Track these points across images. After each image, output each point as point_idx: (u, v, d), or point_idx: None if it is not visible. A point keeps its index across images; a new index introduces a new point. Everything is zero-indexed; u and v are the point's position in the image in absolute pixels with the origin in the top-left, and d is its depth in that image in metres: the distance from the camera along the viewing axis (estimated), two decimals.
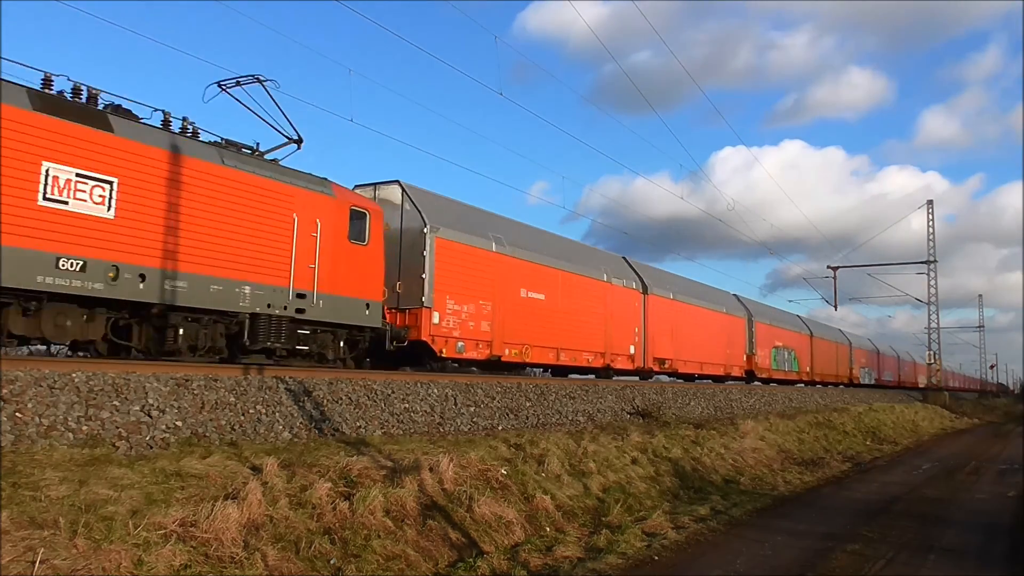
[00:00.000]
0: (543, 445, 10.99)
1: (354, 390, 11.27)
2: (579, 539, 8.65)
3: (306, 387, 10.62)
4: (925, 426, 33.99)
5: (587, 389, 17.22)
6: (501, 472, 9.47)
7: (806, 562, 8.09)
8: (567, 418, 15.03)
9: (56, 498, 5.70)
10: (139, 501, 6.04)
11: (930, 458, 20.79)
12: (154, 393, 8.57)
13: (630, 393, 18.74)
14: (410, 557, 7.14)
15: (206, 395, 9.12)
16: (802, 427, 21.54)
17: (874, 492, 13.68)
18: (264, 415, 9.50)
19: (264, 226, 12.21)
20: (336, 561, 6.60)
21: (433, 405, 12.28)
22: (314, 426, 9.96)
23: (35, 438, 7.11)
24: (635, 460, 12.42)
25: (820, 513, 11.36)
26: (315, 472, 7.70)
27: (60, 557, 5.09)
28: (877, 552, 8.61)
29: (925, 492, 13.79)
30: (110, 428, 7.76)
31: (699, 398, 21.95)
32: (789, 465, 16.65)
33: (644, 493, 11.39)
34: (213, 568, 5.80)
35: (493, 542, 8.07)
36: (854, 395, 39.42)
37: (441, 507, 8.15)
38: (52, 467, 6.28)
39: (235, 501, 6.51)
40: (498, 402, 13.81)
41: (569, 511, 9.69)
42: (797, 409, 26.49)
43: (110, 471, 6.46)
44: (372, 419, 10.90)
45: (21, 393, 7.44)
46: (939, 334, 50.19)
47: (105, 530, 5.52)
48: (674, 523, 9.57)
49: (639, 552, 8.17)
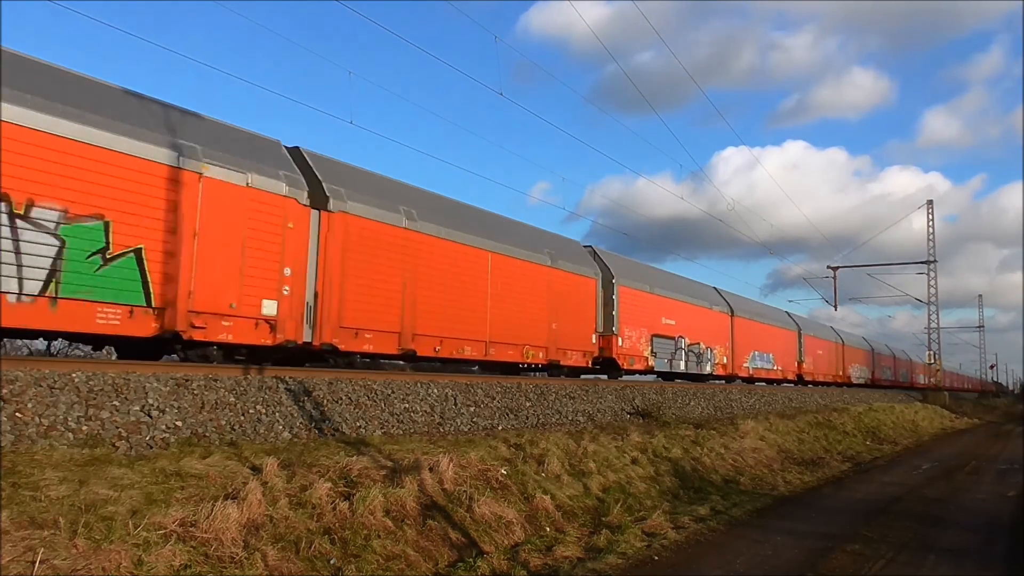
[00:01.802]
0: (543, 445, 10.99)
1: (354, 390, 11.28)
2: (579, 539, 8.65)
3: (306, 387, 10.63)
4: (925, 426, 34.00)
5: (587, 389, 17.22)
6: (501, 472, 9.47)
7: (806, 562, 8.09)
8: (567, 418, 15.03)
9: (56, 498, 5.70)
10: (139, 501, 6.04)
11: (930, 458, 20.79)
12: (154, 393, 8.57)
13: (630, 393, 18.75)
14: (410, 557, 7.14)
15: (206, 395, 9.12)
16: (802, 427, 21.55)
17: (874, 492, 13.68)
18: (264, 415, 9.50)
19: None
20: (336, 561, 6.60)
21: (433, 405, 12.28)
22: (314, 426, 9.96)
23: (35, 438, 7.11)
24: (635, 460, 12.43)
25: (820, 513, 11.36)
26: (315, 472, 7.70)
27: (60, 557, 5.09)
28: (877, 552, 8.61)
29: (925, 492, 13.78)
30: (110, 428, 7.77)
31: (699, 398, 21.96)
32: (789, 465, 16.65)
33: (644, 493, 11.39)
34: (213, 568, 5.80)
35: (493, 542, 8.07)
36: (854, 395, 39.43)
37: (441, 507, 8.15)
38: (52, 467, 6.28)
39: (235, 501, 6.51)
40: (498, 402, 13.82)
41: (569, 511, 9.69)
42: (797, 409, 26.50)
43: (110, 471, 6.46)
44: (372, 419, 10.90)
45: (21, 393, 7.45)
46: (939, 334, 50.30)
47: (105, 530, 5.52)
48: (674, 523, 9.57)
49: (639, 552, 8.17)
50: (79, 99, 9.95)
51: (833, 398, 34.48)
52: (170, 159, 10.79)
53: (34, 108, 9.31)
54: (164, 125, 10.99)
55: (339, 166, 14.44)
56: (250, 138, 12.54)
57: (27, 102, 9.24)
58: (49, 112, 9.45)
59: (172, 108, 11.43)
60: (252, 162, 11.99)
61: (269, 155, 12.60)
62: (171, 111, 11.32)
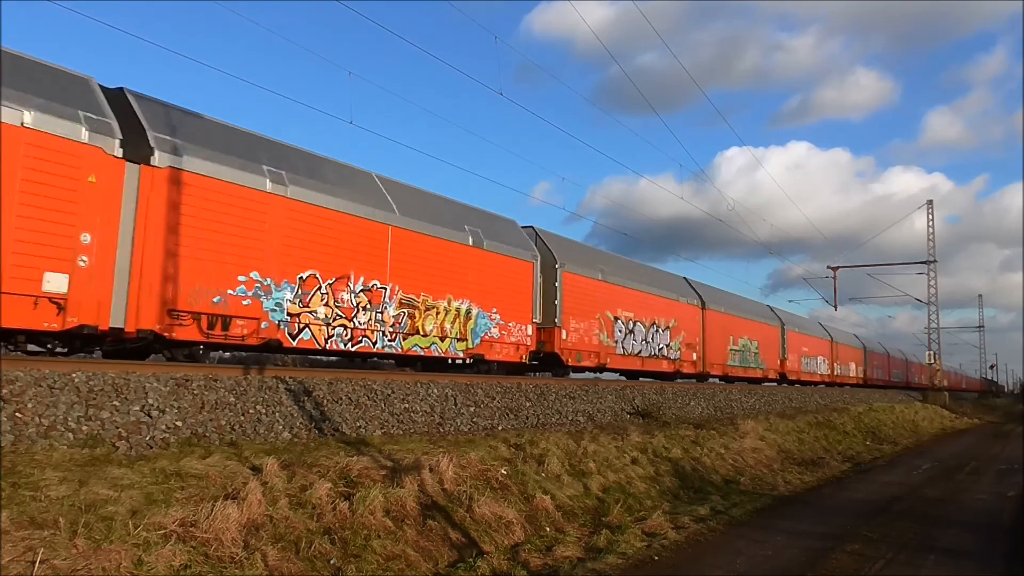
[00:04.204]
0: (543, 445, 10.99)
1: (354, 390, 11.28)
2: (579, 539, 8.65)
3: (306, 387, 10.63)
4: (925, 426, 34.01)
5: (587, 389, 17.22)
6: (501, 472, 9.47)
7: (806, 562, 8.09)
8: (567, 418, 15.03)
9: (56, 498, 5.70)
10: (139, 501, 6.04)
11: (930, 458, 20.79)
12: (154, 393, 8.57)
13: (630, 393, 18.76)
14: (410, 557, 7.14)
15: (206, 395, 9.12)
16: (802, 427, 21.55)
17: (874, 492, 13.67)
18: (264, 415, 9.50)
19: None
20: (336, 561, 6.60)
21: (433, 405, 12.28)
22: (314, 426, 9.96)
23: (35, 438, 7.11)
24: (635, 460, 12.43)
25: (820, 513, 11.36)
26: (315, 472, 7.70)
27: (60, 557, 5.09)
28: (877, 552, 8.61)
29: (925, 492, 13.78)
30: (110, 428, 7.77)
31: (699, 398, 21.97)
32: (789, 465, 16.65)
33: (644, 493, 11.39)
34: (213, 568, 5.80)
35: (493, 542, 8.07)
36: (854, 395, 39.43)
37: (441, 507, 8.15)
38: (52, 467, 6.28)
39: (235, 501, 6.51)
40: (498, 402, 13.82)
41: (569, 511, 9.69)
42: (797, 409, 26.52)
43: (110, 471, 6.46)
44: (372, 419, 10.90)
45: (21, 393, 7.45)
46: (939, 334, 50.26)
47: (105, 530, 5.52)
48: (674, 523, 9.57)
49: (639, 552, 8.17)
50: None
51: (833, 398, 34.48)
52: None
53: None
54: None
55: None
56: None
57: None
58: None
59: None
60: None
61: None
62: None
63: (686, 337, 27.43)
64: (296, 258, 12.92)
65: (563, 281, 20.15)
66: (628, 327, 23.52)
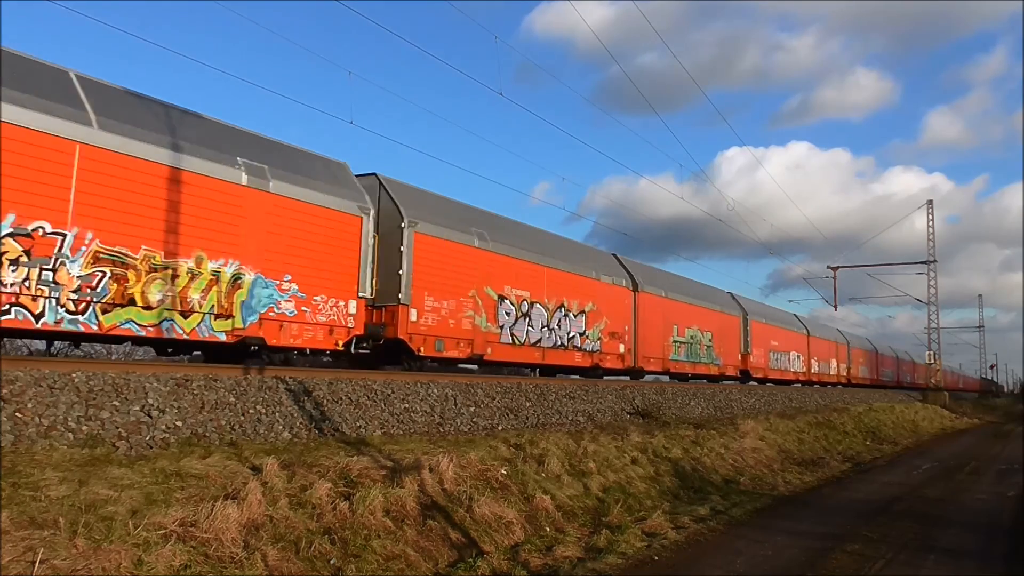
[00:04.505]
0: (543, 445, 10.99)
1: (354, 390, 11.28)
2: (579, 539, 8.65)
3: (306, 387, 10.63)
4: (925, 426, 34.03)
5: (587, 389, 17.22)
6: (501, 472, 9.47)
7: (806, 562, 8.09)
8: (567, 418, 15.03)
9: (56, 498, 5.70)
10: (139, 501, 6.04)
11: (930, 458, 20.79)
12: (154, 393, 8.57)
13: (630, 393, 18.76)
14: (410, 557, 7.14)
15: (206, 395, 9.12)
16: (802, 427, 21.56)
17: (874, 492, 13.67)
18: (264, 415, 9.50)
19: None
20: (336, 561, 6.60)
21: (433, 405, 12.28)
22: (314, 426, 9.96)
23: (35, 438, 7.11)
24: (635, 460, 12.43)
25: (820, 513, 11.36)
26: (315, 472, 7.70)
27: (60, 557, 5.09)
28: (877, 552, 8.61)
29: (925, 492, 13.78)
30: (110, 428, 7.77)
31: (699, 398, 21.98)
32: (789, 465, 16.65)
33: (644, 493, 11.39)
34: (213, 568, 5.80)
35: (493, 542, 8.07)
36: (854, 395, 39.45)
37: (441, 507, 8.15)
38: (52, 467, 6.28)
39: (235, 501, 6.51)
40: (498, 402, 13.82)
41: (569, 511, 9.69)
42: (797, 409, 26.54)
43: (110, 471, 6.46)
44: (372, 419, 10.90)
45: (21, 393, 7.45)
46: (939, 334, 50.28)
47: (105, 530, 5.52)
48: (674, 523, 9.57)
49: (639, 552, 8.17)
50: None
51: (833, 398, 34.51)
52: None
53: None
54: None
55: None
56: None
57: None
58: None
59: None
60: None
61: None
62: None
63: (610, 324, 22.03)
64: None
65: (414, 244, 15.12)
66: (521, 309, 18.23)
